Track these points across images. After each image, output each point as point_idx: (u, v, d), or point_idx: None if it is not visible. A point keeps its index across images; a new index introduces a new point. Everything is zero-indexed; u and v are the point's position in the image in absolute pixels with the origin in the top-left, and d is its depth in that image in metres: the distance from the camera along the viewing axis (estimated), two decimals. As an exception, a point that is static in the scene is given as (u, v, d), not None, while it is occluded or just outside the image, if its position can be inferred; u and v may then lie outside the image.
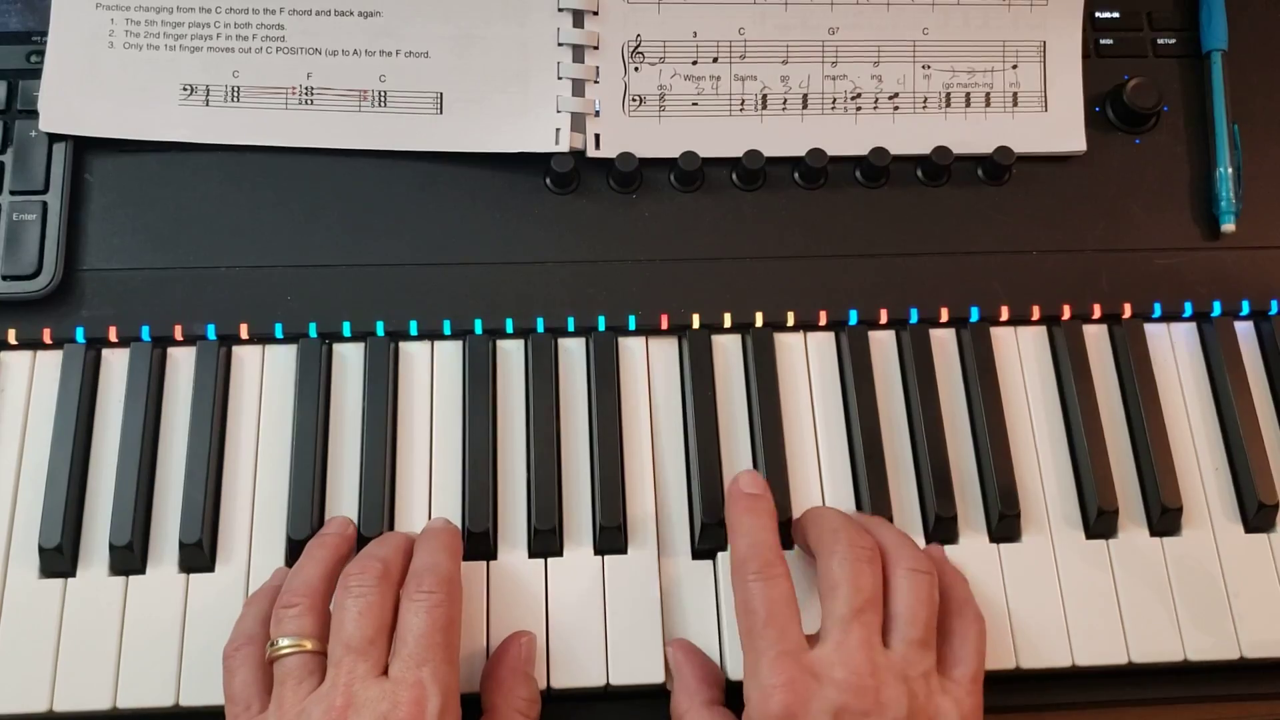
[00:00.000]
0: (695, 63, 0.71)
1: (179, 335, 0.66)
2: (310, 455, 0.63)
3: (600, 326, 0.67)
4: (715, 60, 0.71)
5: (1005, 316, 0.69)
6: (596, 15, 0.70)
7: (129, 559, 0.61)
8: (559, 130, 0.69)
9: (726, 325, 0.68)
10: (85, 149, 0.68)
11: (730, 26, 0.71)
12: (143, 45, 0.69)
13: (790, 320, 0.68)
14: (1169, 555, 0.64)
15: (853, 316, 0.68)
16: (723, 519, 0.62)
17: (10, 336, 0.65)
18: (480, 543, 0.62)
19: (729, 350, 0.68)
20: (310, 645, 0.55)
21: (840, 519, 0.60)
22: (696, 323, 0.67)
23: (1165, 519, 0.64)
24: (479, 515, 0.62)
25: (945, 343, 0.69)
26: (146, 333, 0.65)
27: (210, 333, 0.66)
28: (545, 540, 0.62)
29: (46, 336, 0.65)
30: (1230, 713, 0.64)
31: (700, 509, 0.63)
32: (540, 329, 0.67)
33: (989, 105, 0.72)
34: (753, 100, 0.71)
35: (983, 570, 0.63)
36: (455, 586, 0.57)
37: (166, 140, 0.68)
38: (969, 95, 0.72)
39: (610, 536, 0.62)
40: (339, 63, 0.69)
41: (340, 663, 0.53)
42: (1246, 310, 0.70)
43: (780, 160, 0.70)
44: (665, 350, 0.67)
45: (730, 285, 0.68)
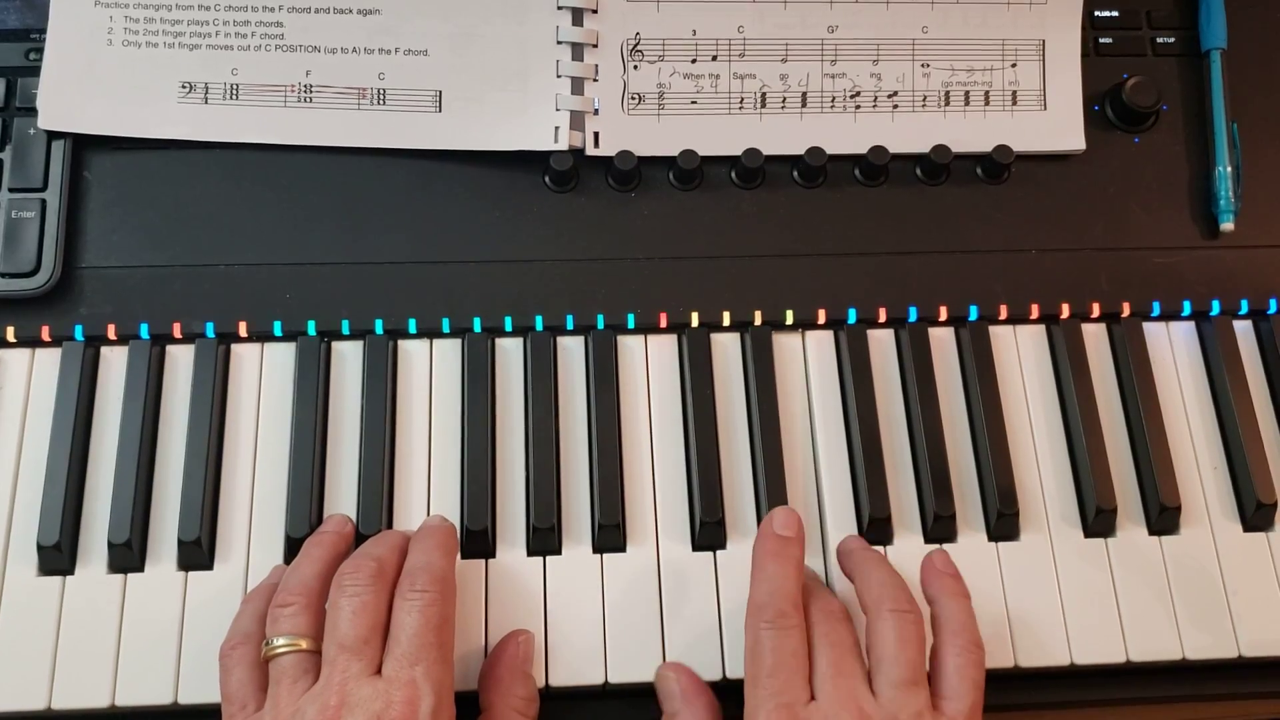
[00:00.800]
0: (694, 61, 0.71)
1: (178, 333, 0.66)
2: (309, 453, 0.63)
3: (599, 325, 0.67)
4: (714, 59, 0.71)
5: (1004, 315, 0.69)
6: (596, 13, 0.70)
7: (127, 557, 0.61)
8: (558, 128, 0.69)
9: (725, 323, 0.68)
10: (84, 146, 0.68)
11: (729, 25, 0.71)
12: (141, 43, 0.68)
13: (789, 319, 0.68)
14: (1167, 554, 0.64)
15: (851, 315, 0.68)
16: (721, 517, 0.62)
17: (9, 334, 0.65)
18: (479, 541, 0.62)
19: (728, 348, 0.68)
20: (305, 644, 0.54)
21: (813, 580, 0.61)
22: (695, 321, 0.67)
23: (1164, 518, 0.64)
24: (478, 513, 0.62)
25: (944, 341, 0.69)
26: (145, 330, 0.65)
27: (209, 330, 0.66)
28: (544, 538, 0.62)
29: (45, 334, 0.65)
30: (1229, 711, 0.64)
31: (699, 507, 0.63)
32: (539, 327, 0.67)
33: (988, 104, 0.72)
34: (752, 99, 0.71)
35: (981, 569, 0.63)
36: (449, 585, 0.56)
37: (165, 138, 0.68)
38: (968, 94, 0.72)
39: (609, 535, 0.62)
40: (338, 61, 0.69)
41: (334, 662, 0.53)
42: (1245, 309, 0.70)
43: (779, 159, 0.70)
44: (664, 348, 0.67)
45: (729, 283, 0.68)
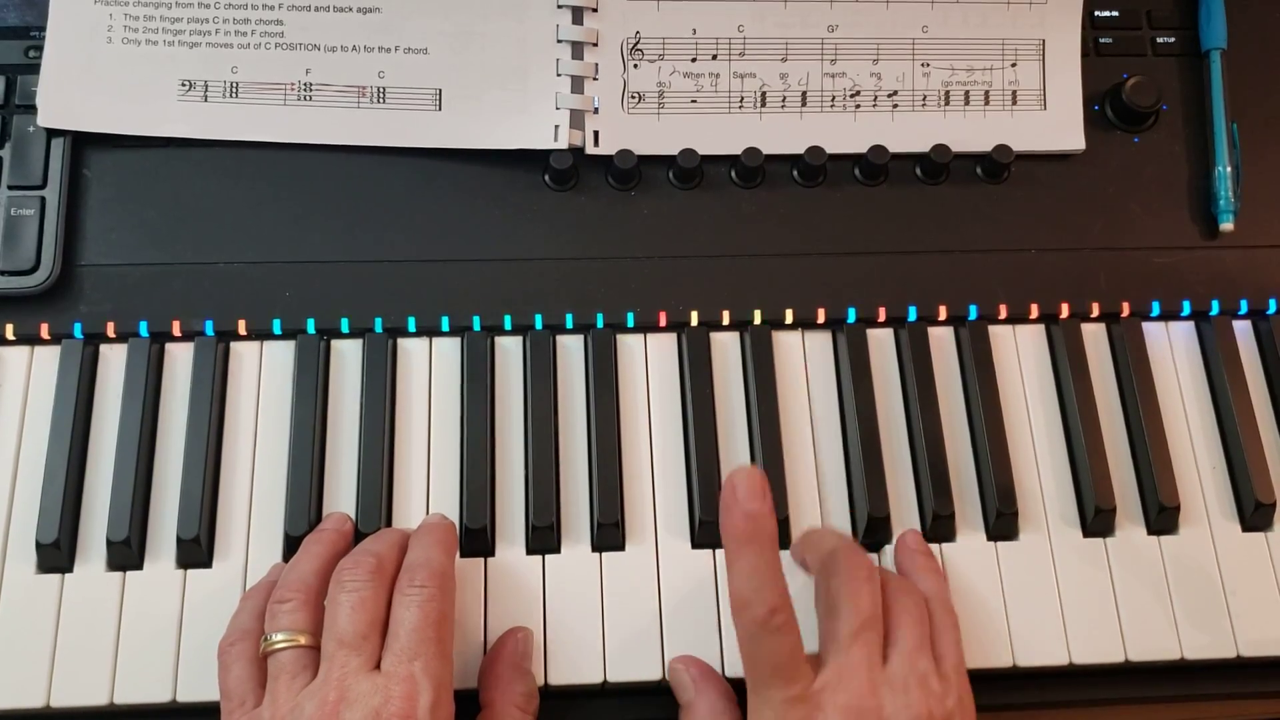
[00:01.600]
0: (694, 60, 0.71)
1: (177, 331, 0.66)
2: (308, 451, 0.63)
3: (599, 323, 0.67)
4: (714, 57, 0.71)
5: (1004, 315, 0.69)
6: (596, 12, 0.70)
7: (126, 555, 0.61)
8: (558, 127, 0.69)
9: (725, 322, 0.68)
10: (83, 144, 0.68)
11: (729, 24, 0.71)
12: (141, 40, 0.68)
13: (789, 318, 0.68)
14: (1166, 554, 0.64)
15: (851, 314, 0.68)
16: (720, 516, 0.62)
17: (8, 331, 0.65)
18: (478, 539, 0.62)
19: (727, 348, 0.68)
20: (304, 640, 0.54)
21: (836, 539, 0.59)
22: (695, 320, 0.67)
23: (1163, 518, 0.64)
24: (477, 512, 0.62)
25: (943, 341, 0.69)
26: (144, 328, 0.65)
27: (208, 329, 0.66)
28: (543, 537, 0.62)
29: (44, 332, 0.65)
30: (1227, 711, 0.64)
31: (698, 506, 0.63)
32: (539, 326, 0.67)
33: (988, 103, 0.72)
34: (752, 98, 0.71)
35: (980, 568, 0.63)
36: (448, 581, 0.56)
37: (165, 136, 0.68)
38: (968, 93, 0.72)
39: (608, 533, 0.62)
40: (338, 59, 0.69)
41: (333, 657, 0.53)
42: (1245, 309, 0.70)
43: (779, 158, 0.70)
44: (663, 347, 0.67)
45: (729, 282, 0.68)
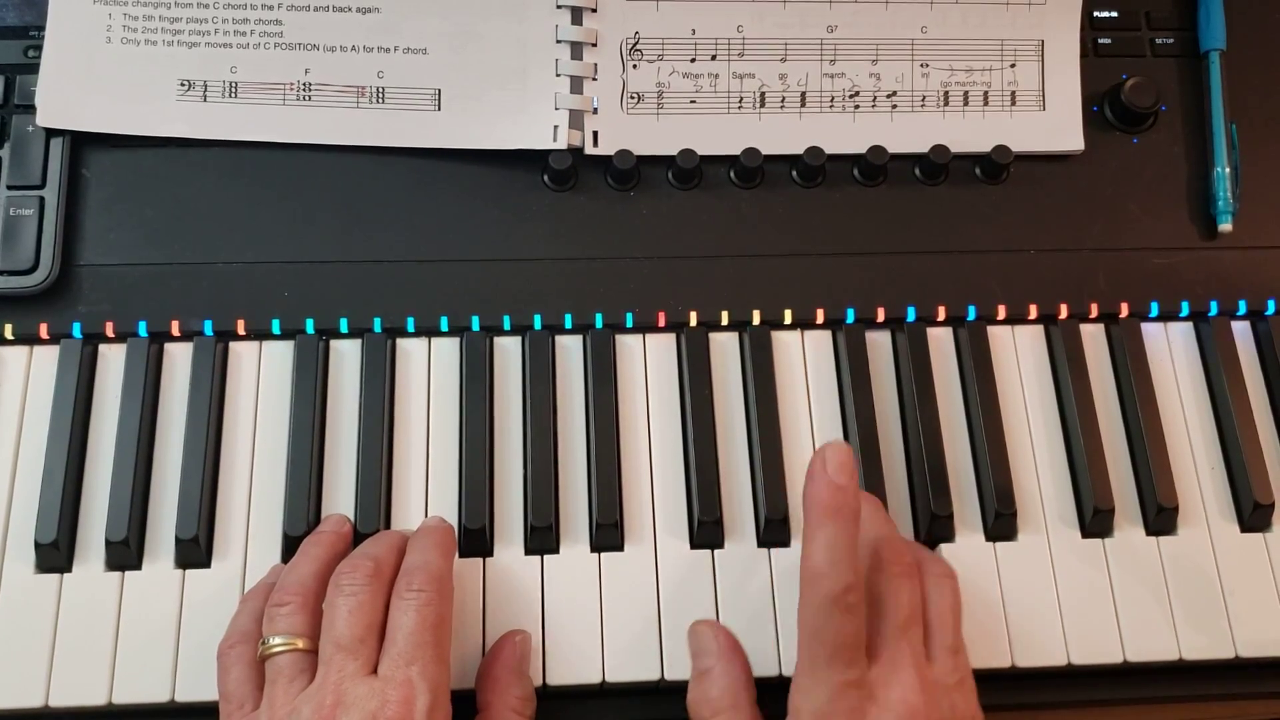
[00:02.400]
0: (694, 60, 0.71)
1: (176, 331, 0.66)
2: (307, 451, 0.63)
3: (598, 324, 0.67)
4: (714, 58, 0.71)
5: (1002, 315, 0.69)
6: (595, 12, 0.70)
7: (125, 555, 0.61)
8: (557, 127, 0.69)
9: (724, 323, 0.68)
10: (82, 144, 0.68)
11: (729, 24, 0.71)
12: (140, 40, 0.68)
13: (787, 318, 0.68)
14: (1165, 554, 0.64)
15: (850, 315, 0.68)
16: (719, 517, 0.62)
17: (7, 331, 0.65)
18: (476, 539, 0.62)
19: (726, 348, 0.68)
20: (302, 644, 0.54)
21: (880, 526, 0.58)
22: (694, 320, 0.67)
23: (1161, 518, 0.64)
24: (475, 512, 0.62)
25: (942, 341, 0.69)
26: (143, 328, 0.65)
27: (207, 328, 0.66)
28: (542, 537, 0.62)
29: (43, 332, 0.65)
30: (1225, 712, 0.64)
31: (697, 506, 0.63)
32: (537, 326, 0.67)
33: (987, 104, 0.72)
34: (751, 98, 0.71)
35: (979, 569, 0.63)
36: (446, 585, 0.56)
37: (164, 136, 0.68)
38: (967, 94, 0.72)
39: (607, 534, 0.62)
40: (337, 59, 0.69)
41: (330, 661, 0.53)
42: (1243, 310, 0.70)
43: (778, 158, 0.70)
44: (662, 347, 0.67)
45: (728, 283, 0.68)
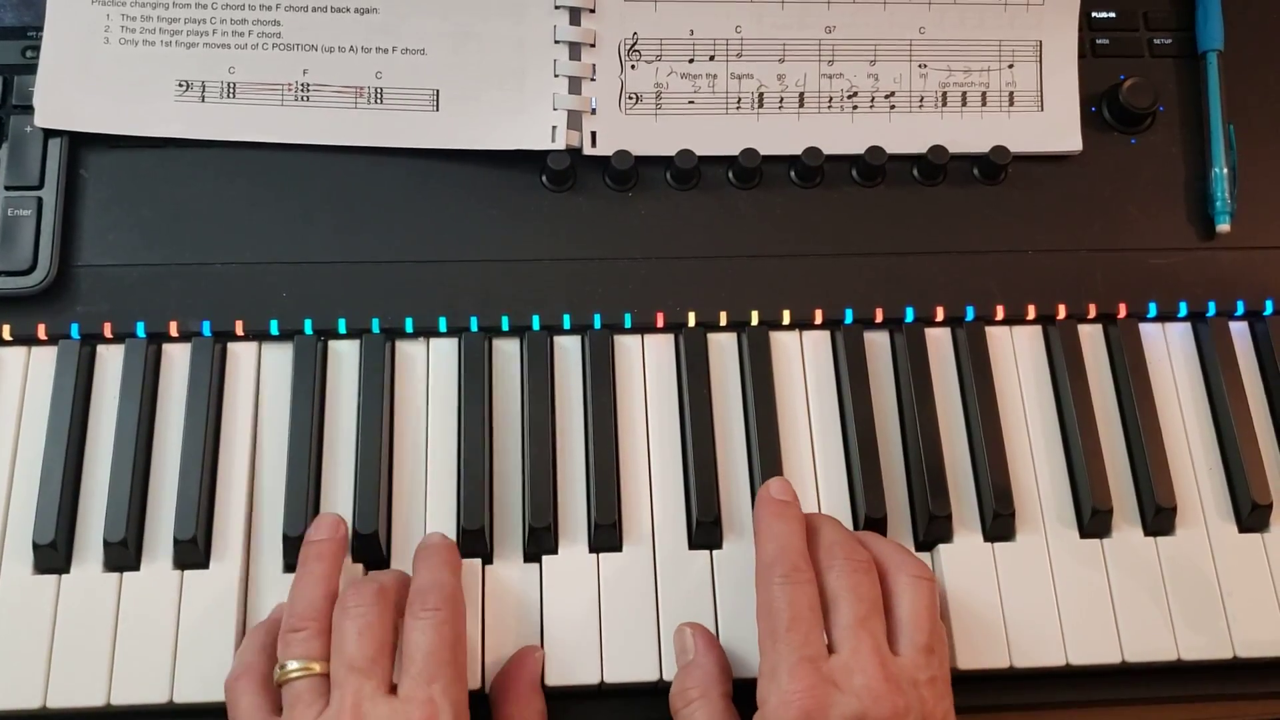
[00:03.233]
0: (692, 61, 0.71)
1: (174, 331, 0.66)
2: (305, 452, 0.63)
3: (596, 324, 0.67)
4: (712, 58, 0.71)
5: (1000, 316, 0.69)
6: (593, 13, 0.70)
7: (123, 555, 0.61)
8: (555, 128, 0.69)
9: (722, 323, 0.68)
10: (80, 144, 0.68)
11: (727, 25, 0.71)
12: (138, 41, 0.68)
13: (786, 319, 0.68)
14: (1163, 555, 0.64)
15: (848, 315, 0.68)
16: (717, 517, 0.62)
17: (5, 332, 0.65)
18: (475, 540, 0.62)
19: (725, 348, 0.68)
20: (319, 668, 0.55)
21: (835, 532, 0.59)
22: (692, 321, 0.67)
23: (1159, 518, 0.64)
24: (474, 513, 0.62)
25: (940, 342, 0.69)
26: (141, 329, 0.65)
27: (205, 329, 0.66)
28: (540, 538, 0.62)
29: (41, 332, 0.65)
30: (1224, 712, 0.64)
31: (695, 507, 0.63)
32: (536, 326, 0.67)
33: (985, 104, 0.72)
34: (749, 99, 0.71)
35: (977, 569, 0.63)
36: (459, 602, 0.57)
37: (162, 136, 0.68)
38: (965, 94, 0.72)
39: (605, 534, 0.62)
40: (335, 59, 0.69)
41: (345, 683, 0.53)
42: (1241, 310, 0.70)
43: (776, 159, 0.70)
44: (661, 348, 0.67)
45: (726, 283, 0.68)
